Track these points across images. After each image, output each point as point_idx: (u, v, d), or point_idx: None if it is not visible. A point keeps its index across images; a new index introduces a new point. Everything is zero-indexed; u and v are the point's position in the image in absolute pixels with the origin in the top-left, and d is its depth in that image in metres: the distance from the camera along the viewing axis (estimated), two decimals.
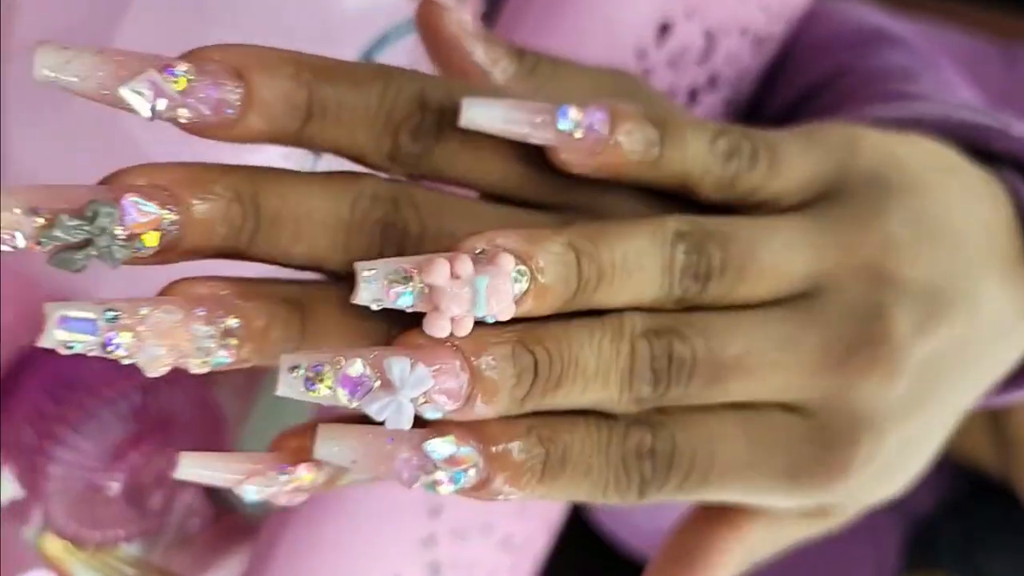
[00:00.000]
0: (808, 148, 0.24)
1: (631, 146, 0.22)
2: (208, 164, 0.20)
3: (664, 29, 0.34)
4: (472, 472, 0.20)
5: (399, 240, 0.21)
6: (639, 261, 0.21)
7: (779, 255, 0.23)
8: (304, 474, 0.21)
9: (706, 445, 0.23)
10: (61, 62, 0.19)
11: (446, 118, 0.21)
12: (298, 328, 0.20)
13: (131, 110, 0.19)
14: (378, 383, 0.19)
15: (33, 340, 0.18)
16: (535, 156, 0.22)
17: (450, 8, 0.24)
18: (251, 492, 0.20)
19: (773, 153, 0.23)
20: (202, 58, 0.19)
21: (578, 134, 0.22)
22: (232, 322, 0.19)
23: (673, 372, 0.22)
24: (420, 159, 0.21)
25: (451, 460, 0.20)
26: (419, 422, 0.20)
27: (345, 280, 0.20)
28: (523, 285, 0.20)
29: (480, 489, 0.20)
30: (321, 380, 0.19)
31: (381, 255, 0.20)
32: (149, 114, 0.19)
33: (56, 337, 0.18)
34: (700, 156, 0.23)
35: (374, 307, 0.19)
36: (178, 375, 0.20)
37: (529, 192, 0.23)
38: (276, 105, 0.20)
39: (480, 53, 0.24)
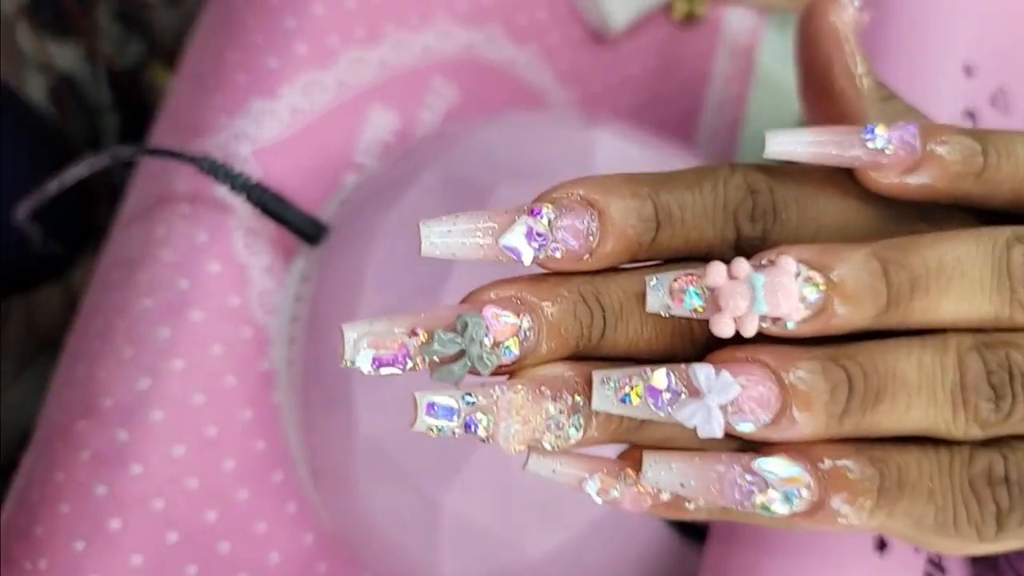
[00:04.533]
0: None
1: (950, 155, 0.21)
2: (546, 274, 0.21)
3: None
4: (804, 492, 0.20)
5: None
6: (960, 267, 0.20)
7: None
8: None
9: None
10: (444, 231, 0.20)
11: (776, 196, 0.21)
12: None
13: (512, 259, 0.20)
14: (685, 393, 0.19)
15: None
16: (865, 206, 0.22)
17: (844, 5, 0.23)
18: (594, 491, 0.21)
19: None
20: (556, 197, 0.20)
21: (889, 150, 0.20)
22: (578, 399, 0.20)
23: (1017, 386, 0.19)
24: (763, 240, 0.21)
25: (783, 479, 0.20)
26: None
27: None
28: (817, 292, 0.19)
29: (815, 512, 0.20)
30: (632, 389, 0.20)
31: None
32: (531, 259, 0.20)
33: (425, 423, 0.20)
34: None
35: (663, 314, 0.20)
36: None
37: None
38: (629, 222, 0.20)
39: (852, 53, 0.23)
